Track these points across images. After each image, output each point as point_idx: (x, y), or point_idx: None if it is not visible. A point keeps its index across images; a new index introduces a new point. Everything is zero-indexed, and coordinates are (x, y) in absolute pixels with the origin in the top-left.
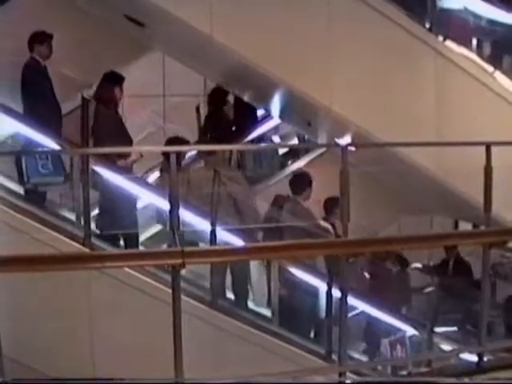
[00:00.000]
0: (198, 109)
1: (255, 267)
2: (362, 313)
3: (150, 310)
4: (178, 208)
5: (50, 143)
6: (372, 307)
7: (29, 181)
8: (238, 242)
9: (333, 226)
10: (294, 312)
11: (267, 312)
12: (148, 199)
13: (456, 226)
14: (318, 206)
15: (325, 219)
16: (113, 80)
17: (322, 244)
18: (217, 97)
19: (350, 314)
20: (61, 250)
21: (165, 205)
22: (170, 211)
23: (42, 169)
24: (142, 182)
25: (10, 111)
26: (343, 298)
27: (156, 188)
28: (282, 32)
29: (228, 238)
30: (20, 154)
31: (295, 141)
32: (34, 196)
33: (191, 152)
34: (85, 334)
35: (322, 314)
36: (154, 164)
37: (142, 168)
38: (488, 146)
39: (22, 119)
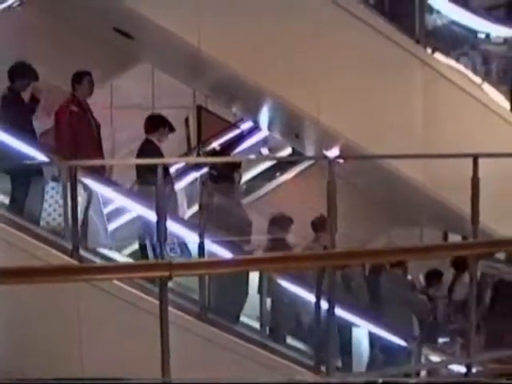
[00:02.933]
0: (187, 121)
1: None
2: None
3: (139, 322)
4: (165, 220)
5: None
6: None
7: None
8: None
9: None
10: (283, 323)
11: (257, 324)
12: (135, 211)
13: (445, 237)
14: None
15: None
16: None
17: (310, 256)
18: None
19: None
20: (49, 262)
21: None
22: (157, 223)
23: (171, 252)
24: (128, 193)
25: None
26: (331, 310)
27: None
28: (269, 44)
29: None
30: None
31: (287, 152)
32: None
33: (180, 164)
34: (74, 346)
35: (311, 325)
36: None
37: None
38: (475, 158)
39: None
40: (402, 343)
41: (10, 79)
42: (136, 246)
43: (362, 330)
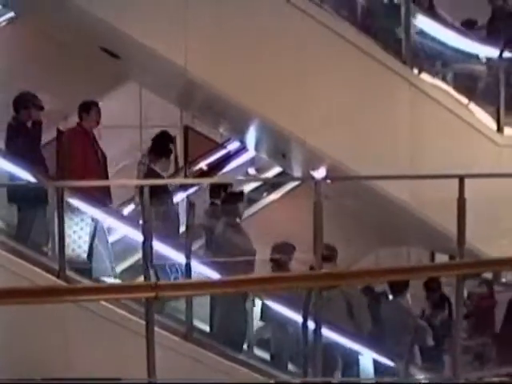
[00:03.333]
0: (174, 140)
1: None
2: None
3: (126, 342)
4: (151, 240)
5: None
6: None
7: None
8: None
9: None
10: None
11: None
12: (123, 232)
13: (432, 257)
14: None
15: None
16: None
17: (295, 277)
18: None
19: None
20: (35, 282)
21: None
22: (143, 244)
23: (172, 274)
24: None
25: None
26: (317, 330)
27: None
28: (255, 64)
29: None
30: None
31: (274, 172)
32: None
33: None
34: (60, 365)
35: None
36: (129, 196)
37: (116, 200)
38: (461, 179)
39: None
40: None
41: (15, 109)
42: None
43: (367, 359)
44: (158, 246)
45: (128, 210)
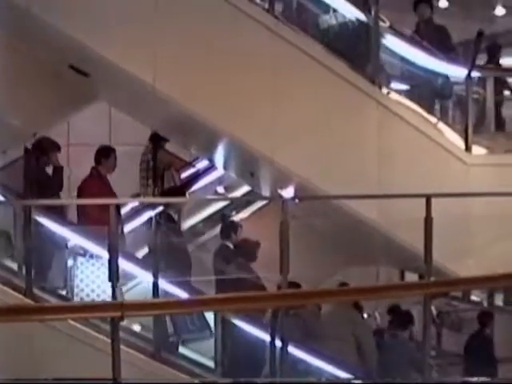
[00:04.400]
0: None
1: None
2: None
3: (93, 361)
4: (117, 259)
5: None
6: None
7: (179, 336)
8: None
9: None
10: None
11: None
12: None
13: (402, 276)
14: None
15: None
16: None
17: (262, 297)
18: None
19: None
20: (2, 301)
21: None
22: (109, 263)
23: (191, 325)
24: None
25: None
26: (284, 349)
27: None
28: (224, 83)
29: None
30: None
31: (243, 190)
32: None
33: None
34: None
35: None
36: None
37: None
38: (428, 198)
39: None
40: None
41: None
42: None
43: None
44: None
45: None
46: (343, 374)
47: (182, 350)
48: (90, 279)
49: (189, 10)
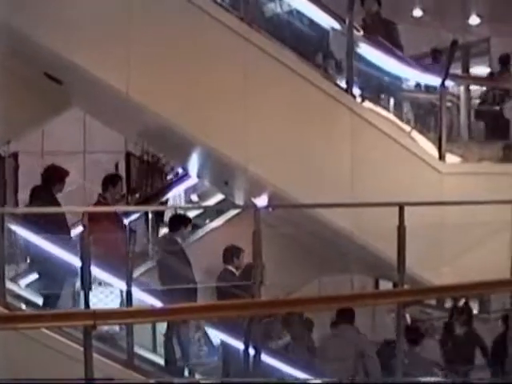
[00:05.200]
0: (117, 166)
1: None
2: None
3: (66, 369)
4: (90, 267)
5: None
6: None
7: (188, 363)
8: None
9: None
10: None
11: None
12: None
13: (376, 284)
14: None
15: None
16: None
17: (235, 305)
18: None
19: None
20: None
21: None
22: (82, 270)
23: (198, 351)
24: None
25: None
26: (257, 357)
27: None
28: (198, 92)
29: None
30: None
31: (217, 198)
32: None
33: None
34: None
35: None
36: (74, 221)
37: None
38: (401, 207)
39: None
40: None
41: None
42: None
43: None
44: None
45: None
46: None
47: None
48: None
49: (162, 18)
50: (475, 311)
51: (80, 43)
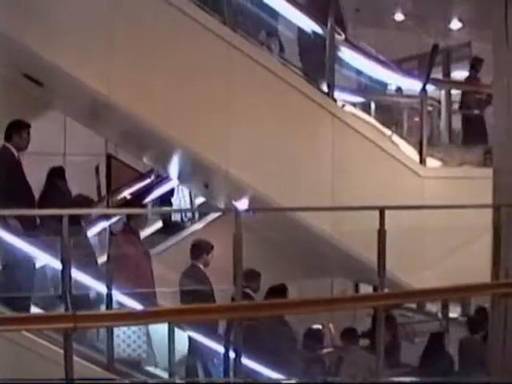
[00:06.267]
0: (97, 169)
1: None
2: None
3: (47, 372)
4: (70, 270)
5: None
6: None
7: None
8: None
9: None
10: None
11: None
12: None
13: (356, 288)
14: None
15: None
16: None
17: (214, 308)
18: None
19: None
20: None
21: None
22: (62, 273)
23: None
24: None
25: None
26: (238, 360)
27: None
28: (179, 95)
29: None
30: None
31: (198, 201)
32: None
33: None
34: None
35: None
36: None
37: None
38: (382, 211)
39: None
40: None
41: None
42: None
43: None
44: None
45: None
46: None
47: None
48: (138, 334)
49: (145, 22)
50: (456, 314)
51: (62, 46)
